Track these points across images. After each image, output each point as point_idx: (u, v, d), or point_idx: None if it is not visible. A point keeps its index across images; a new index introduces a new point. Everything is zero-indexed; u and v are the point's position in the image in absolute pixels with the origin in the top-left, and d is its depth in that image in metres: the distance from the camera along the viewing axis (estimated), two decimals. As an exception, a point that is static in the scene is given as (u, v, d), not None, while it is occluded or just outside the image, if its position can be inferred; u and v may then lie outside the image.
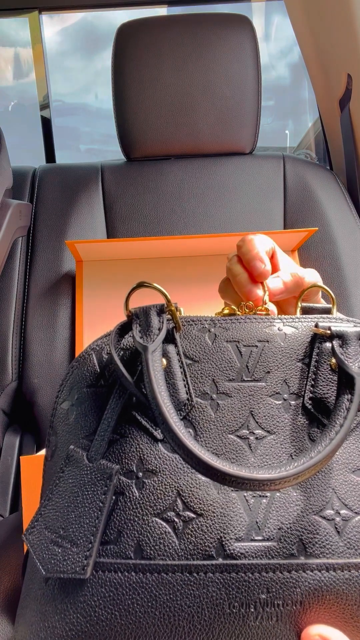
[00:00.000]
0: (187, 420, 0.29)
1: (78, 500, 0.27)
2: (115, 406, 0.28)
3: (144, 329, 0.29)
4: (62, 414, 0.30)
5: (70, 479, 0.28)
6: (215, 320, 0.31)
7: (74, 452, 0.28)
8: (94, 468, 0.27)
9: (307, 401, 0.29)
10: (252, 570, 0.25)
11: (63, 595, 0.26)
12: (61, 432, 0.30)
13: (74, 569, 0.25)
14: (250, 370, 0.30)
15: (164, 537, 0.26)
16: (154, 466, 0.28)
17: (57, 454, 0.30)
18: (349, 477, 0.28)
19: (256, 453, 0.28)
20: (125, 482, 0.27)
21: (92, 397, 0.29)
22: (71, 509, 0.27)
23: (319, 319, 0.31)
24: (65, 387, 0.31)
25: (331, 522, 0.27)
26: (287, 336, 0.31)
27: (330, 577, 0.26)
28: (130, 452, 0.28)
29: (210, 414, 0.29)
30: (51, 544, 0.26)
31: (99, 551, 0.26)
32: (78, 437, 0.29)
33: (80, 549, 0.26)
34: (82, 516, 0.26)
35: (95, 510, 0.26)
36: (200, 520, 0.26)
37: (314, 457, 0.24)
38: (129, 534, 0.26)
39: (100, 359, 0.30)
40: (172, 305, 0.30)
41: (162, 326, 0.29)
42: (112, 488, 0.27)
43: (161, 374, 0.27)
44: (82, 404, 0.30)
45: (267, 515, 0.27)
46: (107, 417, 0.28)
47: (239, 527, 0.26)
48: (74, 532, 0.26)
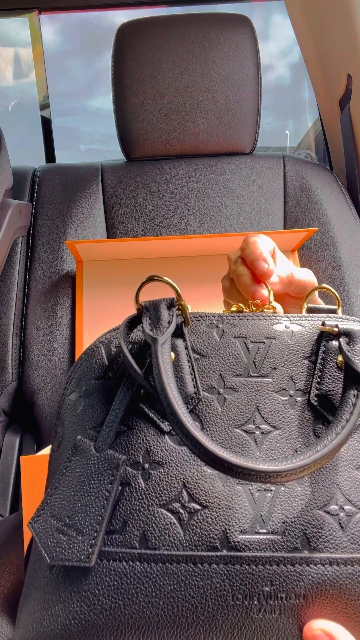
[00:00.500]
0: (194, 413, 0.29)
1: (84, 490, 0.27)
2: (123, 398, 0.29)
3: (153, 322, 0.29)
4: (70, 405, 0.31)
5: (77, 468, 0.28)
6: (223, 317, 0.32)
7: (81, 442, 0.28)
8: (101, 458, 0.28)
9: (313, 398, 0.30)
10: (256, 563, 0.26)
11: (67, 583, 0.26)
12: (68, 423, 0.30)
13: (79, 557, 0.25)
14: (257, 366, 0.30)
15: (169, 527, 0.26)
16: (160, 458, 0.28)
17: (63, 445, 0.30)
18: (353, 473, 0.28)
19: (262, 447, 0.28)
20: (132, 473, 0.27)
21: (100, 389, 0.30)
22: (77, 497, 0.27)
23: (325, 318, 0.32)
24: (74, 379, 0.31)
25: (335, 517, 0.27)
26: (294, 334, 0.31)
27: (333, 572, 0.26)
28: (137, 444, 0.28)
29: (217, 408, 0.29)
30: (56, 532, 0.26)
31: (104, 540, 0.26)
32: (85, 428, 0.29)
33: (86, 538, 0.26)
34: (88, 505, 0.27)
35: (101, 499, 0.27)
36: (206, 512, 0.26)
37: (320, 450, 0.25)
38: (134, 523, 0.26)
39: (108, 351, 0.30)
40: (182, 299, 0.30)
41: (171, 320, 0.29)
42: (118, 478, 0.27)
43: (170, 366, 0.27)
44: (90, 396, 0.30)
45: (272, 508, 0.27)
46: (114, 409, 0.28)
47: (244, 520, 0.26)
48: (79, 521, 0.26)
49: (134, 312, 0.31)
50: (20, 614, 0.27)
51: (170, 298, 0.30)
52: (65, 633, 0.25)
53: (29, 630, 0.26)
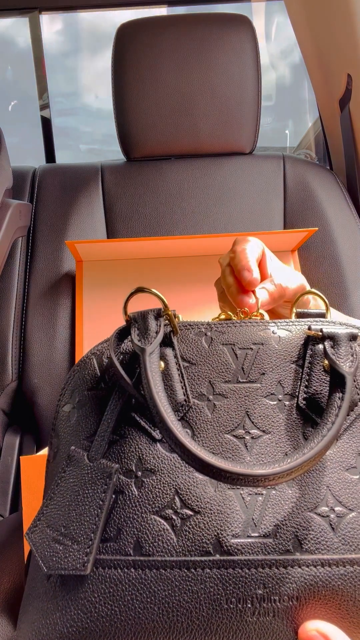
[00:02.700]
0: (184, 420, 0.29)
1: (79, 499, 0.27)
2: (114, 408, 0.29)
3: (142, 332, 0.30)
4: (64, 417, 0.31)
5: (71, 478, 0.28)
6: (211, 325, 0.32)
7: (75, 452, 0.29)
8: (94, 467, 0.28)
9: (301, 401, 0.30)
10: (248, 566, 0.26)
11: (64, 592, 0.26)
12: (63, 434, 0.31)
13: (74, 565, 0.26)
14: (245, 372, 0.31)
15: (162, 534, 0.27)
16: (153, 465, 0.28)
17: (59, 455, 0.30)
18: (343, 475, 0.28)
19: (252, 452, 0.29)
20: (125, 481, 0.28)
21: (92, 400, 0.30)
22: (72, 507, 0.27)
23: (312, 322, 0.32)
24: (67, 391, 0.32)
25: (326, 518, 0.27)
26: (281, 339, 0.32)
27: (325, 573, 0.26)
28: (129, 452, 0.28)
29: (207, 414, 0.30)
30: (53, 542, 0.27)
31: (99, 548, 0.27)
32: (79, 438, 0.30)
33: (81, 546, 0.26)
34: (82, 514, 0.27)
35: (95, 508, 0.27)
36: (198, 518, 0.27)
37: (307, 453, 0.25)
38: (128, 531, 0.27)
39: (100, 363, 0.31)
40: (169, 309, 0.31)
41: (159, 329, 0.30)
42: (111, 486, 0.27)
43: (159, 375, 0.28)
44: (83, 407, 0.30)
45: (263, 512, 0.27)
46: (106, 419, 0.29)
47: (236, 524, 0.27)
48: (74, 530, 0.27)
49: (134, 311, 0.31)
50: (20, 623, 0.28)
51: (157, 308, 0.31)
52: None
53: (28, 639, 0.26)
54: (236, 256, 0.42)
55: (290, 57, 2.29)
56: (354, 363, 0.29)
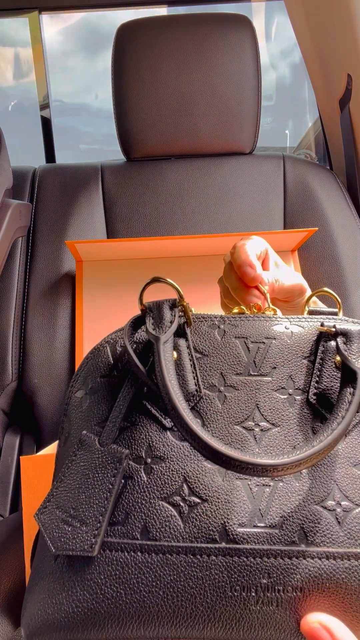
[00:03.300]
0: (195, 410, 0.30)
1: (89, 482, 0.28)
2: (126, 395, 0.30)
3: (156, 322, 0.30)
4: (76, 402, 0.31)
5: (82, 462, 0.29)
6: (225, 318, 0.32)
7: (86, 437, 0.29)
8: (105, 452, 0.29)
9: (312, 396, 0.30)
10: (253, 555, 0.26)
11: (71, 572, 0.27)
12: (74, 419, 0.31)
13: (82, 547, 0.26)
14: (257, 365, 0.31)
15: (169, 520, 0.27)
16: (162, 453, 0.29)
17: (70, 440, 0.31)
18: (350, 470, 0.29)
19: (261, 444, 0.29)
20: (134, 467, 0.28)
21: (105, 387, 0.31)
22: (82, 490, 0.28)
23: (324, 319, 0.33)
24: (80, 377, 0.32)
25: (332, 512, 0.27)
26: (294, 334, 0.32)
27: (330, 566, 0.26)
28: (139, 439, 0.29)
29: (218, 405, 0.30)
30: (61, 523, 0.27)
31: (107, 531, 0.27)
32: (91, 423, 0.30)
33: (89, 528, 0.27)
34: (92, 497, 0.27)
35: (104, 491, 0.27)
36: (205, 506, 0.27)
37: (315, 445, 0.25)
38: (136, 515, 0.27)
39: (114, 351, 0.31)
40: (184, 300, 0.31)
41: (174, 319, 0.30)
42: (121, 471, 0.28)
43: (172, 364, 0.28)
44: (95, 393, 0.31)
45: (270, 503, 0.27)
46: (118, 405, 0.29)
47: (242, 514, 0.27)
48: (83, 512, 0.27)
49: (134, 312, 0.32)
50: (25, 602, 0.28)
51: (172, 299, 0.31)
52: (68, 621, 0.26)
53: (33, 618, 0.27)
54: (236, 251, 0.42)
55: (290, 57, 2.29)
56: None
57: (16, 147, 0.97)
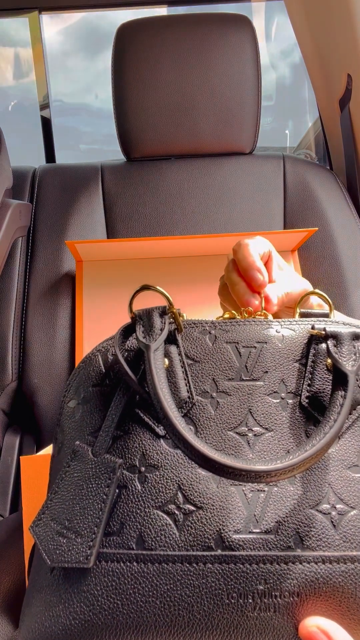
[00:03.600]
0: (188, 417, 0.30)
1: (83, 493, 0.28)
2: (119, 404, 0.30)
3: (146, 330, 0.30)
4: (69, 412, 0.31)
5: (75, 472, 0.29)
6: (215, 323, 0.32)
7: (79, 447, 0.29)
8: (98, 462, 0.28)
9: (304, 400, 0.30)
10: (250, 562, 0.26)
11: (67, 584, 0.27)
12: (67, 430, 0.31)
13: (77, 558, 0.26)
14: (249, 370, 0.31)
15: (164, 528, 0.27)
16: (156, 461, 0.29)
17: (63, 451, 0.31)
18: (344, 473, 0.29)
19: (254, 449, 0.29)
20: (128, 476, 0.28)
21: (97, 396, 0.31)
22: (76, 501, 0.28)
23: (315, 322, 0.33)
24: (72, 387, 0.32)
25: (327, 516, 0.27)
26: (285, 338, 0.32)
27: (326, 569, 0.26)
28: (133, 448, 0.29)
29: (211, 411, 0.30)
30: (56, 535, 0.27)
31: (102, 542, 0.27)
32: (84, 433, 0.30)
33: (84, 540, 0.27)
34: (86, 508, 0.27)
35: (99, 502, 0.27)
36: (200, 513, 0.27)
37: (308, 450, 0.25)
38: (131, 525, 0.27)
39: (105, 359, 0.31)
40: (173, 307, 0.31)
41: (164, 327, 0.30)
42: (115, 481, 0.28)
43: (163, 372, 0.28)
44: (87, 403, 0.31)
45: (265, 508, 0.27)
46: (111, 414, 0.29)
47: (238, 520, 0.27)
48: (78, 524, 0.27)
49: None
50: (23, 616, 0.28)
51: (162, 306, 0.31)
52: (66, 633, 0.26)
53: (31, 631, 0.27)
54: (240, 250, 0.42)
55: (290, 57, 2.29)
56: (356, 362, 0.30)
57: (16, 147, 0.97)
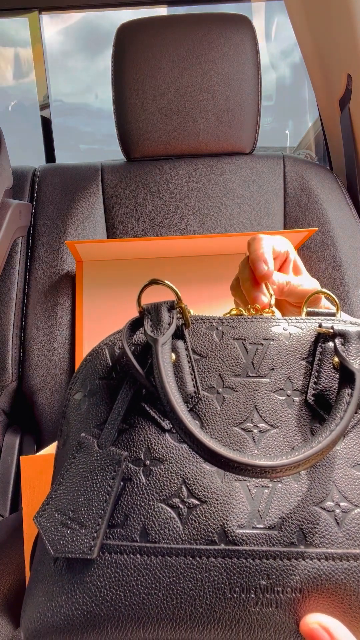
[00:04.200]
0: (194, 412, 0.30)
1: (88, 485, 0.28)
2: (125, 397, 0.30)
3: (154, 324, 0.30)
4: (75, 405, 0.31)
5: (80, 464, 0.29)
6: (223, 319, 0.32)
7: (85, 439, 0.29)
8: (103, 454, 0.29)
9: (310, 397, 0.30)
10: (252, 557, 0.26)
11: (70, 575, 0.27)
12: (73, 422, 0.31)
13: (81, 549, 0.26)
14: (255, 367, 0.31)
15: (168, 522, 0.27)
16: (161, 455, 0.29)
17: (68, 443, 0.31)
18: (349, 471, 0.29)
19: (259, 445, 0.29)
20: (133, 469, 0.28)
21: (103, 389, 0.31)
22: (81, 492, 0.28)
23: (323, 320, 0.33)
24: (78, 379, 0.32)
25: (331, 513, 0.27)
26: (292, 335, 0.32)
27: (329, 566, 0.26)
28: (138, 441, 0.29)
29: (216, 406, 0.30)
30: (60, 526, 0.27)
31: (106, 533, 0.27)
32: (89, 426, 0.30)
33: (88, 531, 0.27)
34: (91, 499, 0.27)
35: (103, 494, 0.27)
36: (204, 507, 0.27)
37: (314, 447, 0.25)
38: (135, 518, 0.27)
39: (112, 353, 0.31)
40: (182, 302, 0.31)
41: (172, 321, 0.30)
42: (120, 473, 0.28)
43: (170, 366, 0.28)
44: (94, 395, 0.31)
45: (269, 504, 0.27)
46: (117, 407, 0.30)
47: (241, 515, 0.27)
48: (82, 515, 0.27)
49: (134, 312, 0.32)
50: (25, 606, 0.28)
51: (170, 301, 0.31)
52: (68, 624, 0.26)
53: (32, 621, 0.27)
54: (253, 243, 0.42)
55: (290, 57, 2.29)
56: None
57: (16, 147, 0.97)
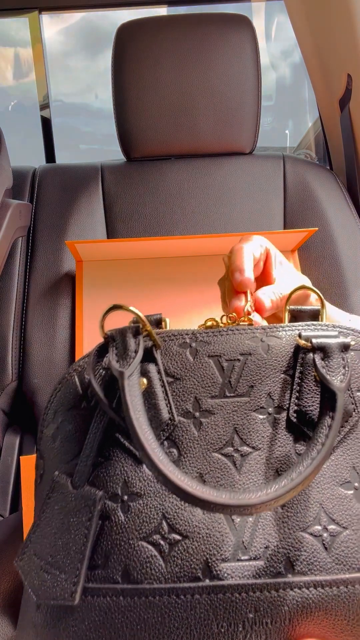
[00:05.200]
0: (170, 440, 0.29)
1: (64, 527, 0.27)
2: (98, 428, 0.28)
3: (120, 352, 0.28)
4: (48, 439, 0.30)
5: (56, 505, 0.28)
6: (196, 334, 0.30)
7: (58, 478, 0.28)
8: (78, 495, 0.27)
9: (292, 414, 0.29)
10: (239, 591, 0.25)
11: (55, 620, 0.26)
12: (47, 457, 0.30)
13: (63, 595, 0.25)
14: (233, 386, 0.29)
15: (150, 560, 0.26)
16: (139, 489, 0.27)
17: (45, 478, 0.30)
18: (336, 490, 0.28)
19: (242, 470, 0.28)
20: (111, 506, 0.27)
21: (75, 420, 0.29)
22: (58, 535, 0.27)
23: (302, 329, 0.31)
24: (50, 410, 0.31)
25: (319, 538, 0.26)
26: (270, 348, 0.30)
27: (318, 594, 0.25)
28: (114, 475, 0.28)
29: (194, 432, 0.29)
30: (41, 571, 0.26)
31: (87, 576, 0.26)
32: (63, 461, 0.29)
33: (68, 576, 0.26)
34: (68, 543, 0.26)
35: (81, 537, 0.26)
36: (186, 542, 0.26)
37: (295, 478, 0.24)
38: (116, 558, 0.26)
39: (82, 380, 0.30)
40: (147, 325, 0.29)
41: (138, 348, 0.28)
42: (96, 514, 0.27)
43: (139, 399, 0.26)
44: (66, 428, 0.29)
45: (254, 534, 0.26)
46: (89, 441, 0.28)
47: (225, 548, 0.26)
48: (61, 559, 0.26)
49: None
50: None
51: (135, 325, 0.30)
52: None
53: None
54: (232, 255, 0.41)
55: (290, 57, 2.29)
56: (345, 376, 0.28)
57: (16, 147, 0.97)
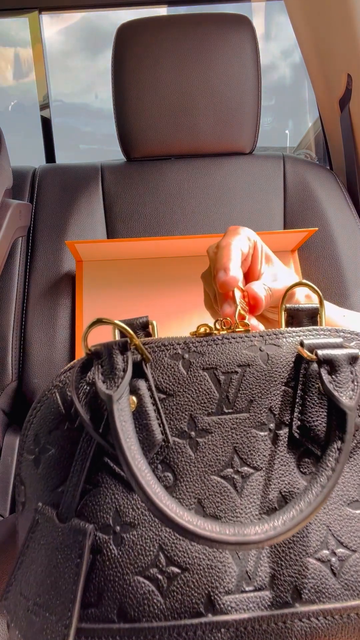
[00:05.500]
0: (164, 463, 0.26)
1: (52, 565, 0.24)
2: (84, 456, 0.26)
3: (106, 372, 0.25)
4: (29, 463, 0.27)
5: (41, 540, 0.25)
6: (189, 344, 0.28)
7: (43, 510, 0.26)
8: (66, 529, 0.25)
9: (295, 430, 0.27)
10: (244, 625, 0.24)
11: None
12: (29, 483, 0.27)
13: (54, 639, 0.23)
14: (230, 401, 0.27)
15: (148, 596, 0.24)
16: (132, 518, 0.25)
17: (27, 507, 0.27)
18: (344, 510, 0.26)
19: (243, 494, 0.26)
20: (102, 539, 0.25)
21: (59, 443, 0.27)
22: (46, 574, 0.24)
23: (304, 334, 0.28)
24: (29, 432, 0.27)
25: (326, 563, 0.25)
26: (270, 357, 0.28)
27: (327, 623, 0.24)
28: (105, 504, 0.25)
29: (190, 454, 0.26)
30: (28, 612, 0.24)
31: (81, 615, 0.24)
32: (47, 488, 0.26)
33: (59, 618, 0.23)
34: (57, 582, 0.24)
35: (71, 575, 0.24)
36: (186, 575, 0.24)
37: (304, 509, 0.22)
38: (110, 595, 0.24)
39: (64, 397, 0.27)
40: (135, 339, 0.26)
41: (127, 367, 0.26)
42: (87, 550, 0.24)
43: (130, 424, 0.24)
44: (48, 452, 0.27)
45: (258, 562, 0.25)
46: (76, 469, 0.26)
47: (228, 579, 0.24)
48: (50, 600, 0.24)
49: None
50: None
51: (123, 340, 0.26)
52: None
53: None
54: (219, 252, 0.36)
55: (290, 57, 2.29)
56: (355, 392, 0.25)
57: (16, 147, 0.97)
